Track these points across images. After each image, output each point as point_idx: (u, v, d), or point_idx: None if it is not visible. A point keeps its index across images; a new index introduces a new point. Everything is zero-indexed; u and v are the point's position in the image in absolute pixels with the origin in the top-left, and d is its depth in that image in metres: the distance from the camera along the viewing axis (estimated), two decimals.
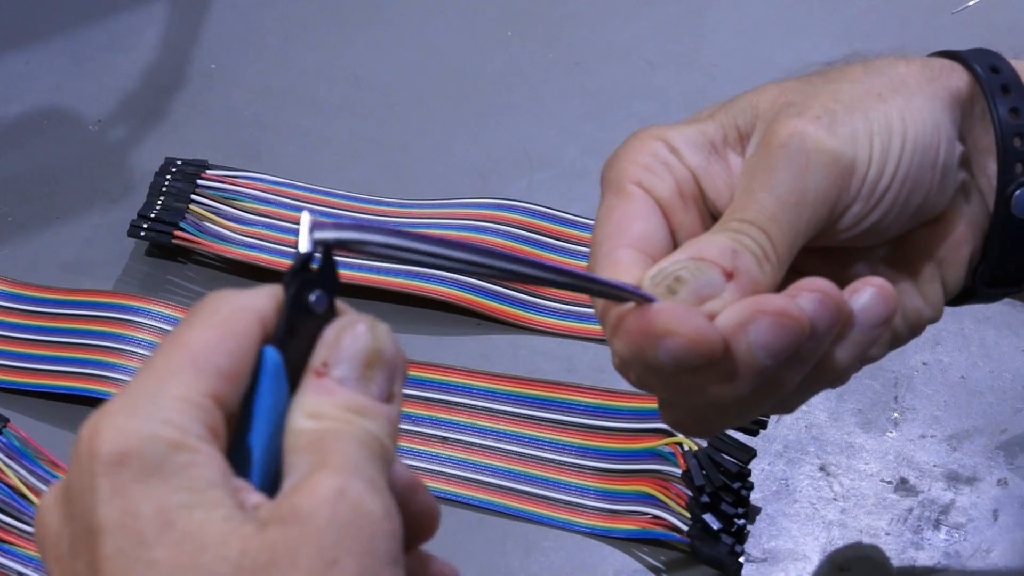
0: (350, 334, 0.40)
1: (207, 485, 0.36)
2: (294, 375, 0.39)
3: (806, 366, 0.46)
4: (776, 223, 0.46)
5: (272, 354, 0.38)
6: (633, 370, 0.46)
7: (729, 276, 0.45)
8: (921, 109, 0.48)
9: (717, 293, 0.45)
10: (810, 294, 0.45)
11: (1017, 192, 0.50)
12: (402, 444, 0.67)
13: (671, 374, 0.44)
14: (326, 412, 0.39)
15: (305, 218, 0.39)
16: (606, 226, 0.49)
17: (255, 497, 0.37)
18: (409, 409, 0.68)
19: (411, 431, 0.67)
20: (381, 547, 0.38)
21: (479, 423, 0.67)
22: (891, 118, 0.48)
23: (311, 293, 0.39)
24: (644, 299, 0.44)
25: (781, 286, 0.46)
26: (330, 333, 0.40)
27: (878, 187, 0.47)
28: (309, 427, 0.38)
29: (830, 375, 0.47)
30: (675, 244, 0.49)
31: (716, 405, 0.46)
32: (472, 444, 0.67)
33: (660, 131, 0.50)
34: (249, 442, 0.38)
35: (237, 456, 0.38)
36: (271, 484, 0.38)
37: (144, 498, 0.35)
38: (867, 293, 0.46)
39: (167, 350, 0.38)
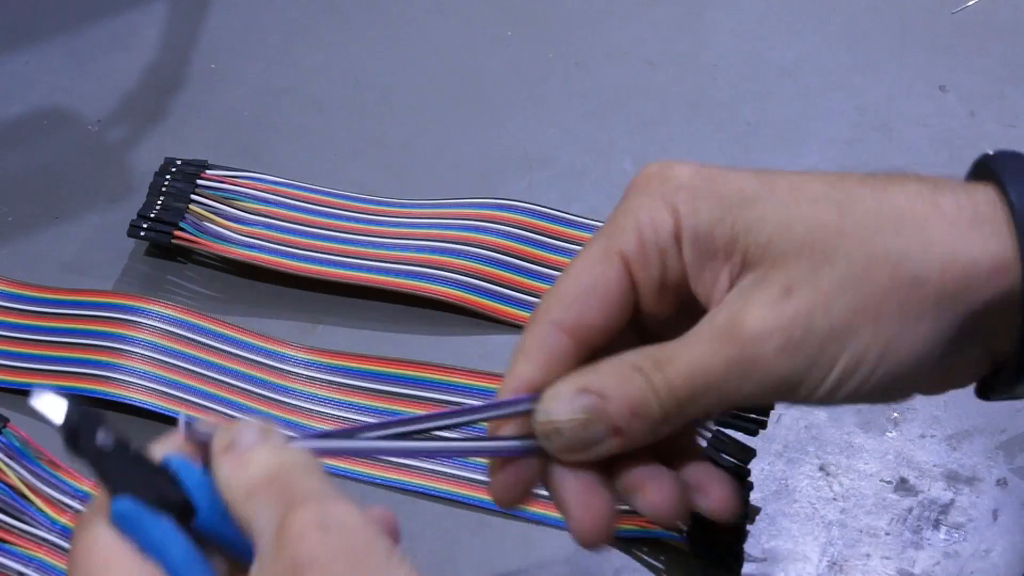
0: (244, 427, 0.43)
1: None
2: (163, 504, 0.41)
3: None
4: (691, 396, 0.46)
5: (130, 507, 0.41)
6: None
7: (617, 432, 0.46)
8: (914, 340, 0.45)
9: (598, 443, 0.47)
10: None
11: None
12: None
13: None
14: (257, 467, 0.41)
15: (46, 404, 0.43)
16: (567, 281, 0.48)
17: None
18: (409, 409, 0.68)
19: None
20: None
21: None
22: (869, 351, 0.45)
23: (97, 441, 0.42)
24: (522, 414, 0.48)
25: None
26: (221, 433, 0.43)
27: (813, 398, 0.46)
28: (247, 482, 0.41)
29: None
30: (639, 329, 0.49)
31: None
32: None
33: (675, 196, 0.47)
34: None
35: None
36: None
37: None
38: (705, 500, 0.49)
39: None
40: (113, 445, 0.41)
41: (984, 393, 0.50)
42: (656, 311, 0.49)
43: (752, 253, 0.46)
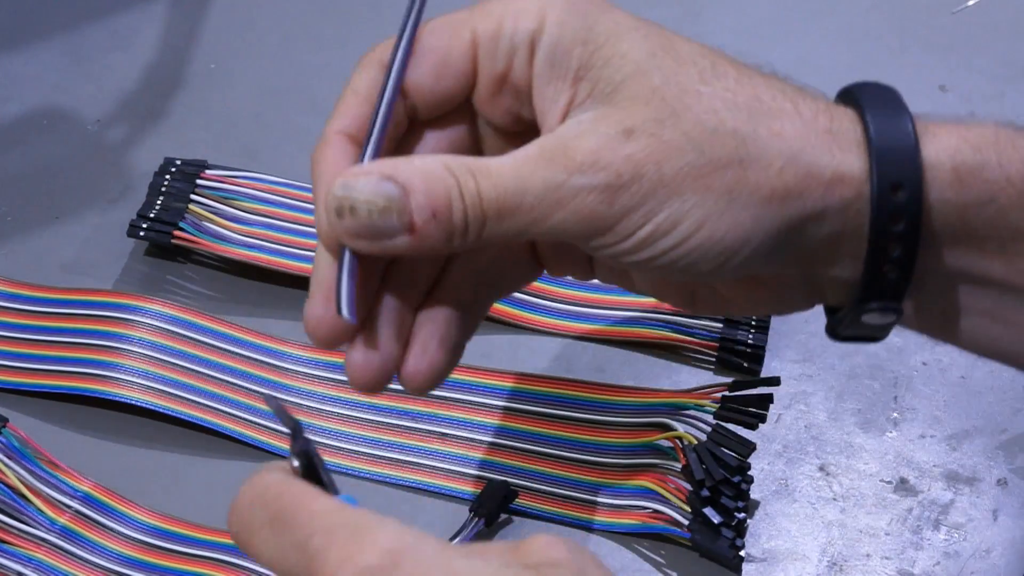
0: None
1: None
2: None
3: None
4: (498, 212, 0.44)
5: None
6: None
7: (411, 230, 0.43)
8: (734, 224, 0.43)
9: (389, 236, 0.43)
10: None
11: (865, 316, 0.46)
12: (401, 441, 0.67)
13: None
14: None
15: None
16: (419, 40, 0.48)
17: None
18: (407, 406, 0.68)
19: (409, 427, 0.67)
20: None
21: (477, 419, 0.67)
22: (687, 217, 0.43)
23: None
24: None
25: None
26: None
27: (617, 249, 0.45)
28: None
29: None
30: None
31: None
32: (471, 440, 0.67)
33: (550, 2, 0.46)
34: None
35: None
36: None
37: None
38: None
39: None
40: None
41: (832, 329, 0.48)
42: (488, 112, 0.47)
43: (601, 88, 0.44)
